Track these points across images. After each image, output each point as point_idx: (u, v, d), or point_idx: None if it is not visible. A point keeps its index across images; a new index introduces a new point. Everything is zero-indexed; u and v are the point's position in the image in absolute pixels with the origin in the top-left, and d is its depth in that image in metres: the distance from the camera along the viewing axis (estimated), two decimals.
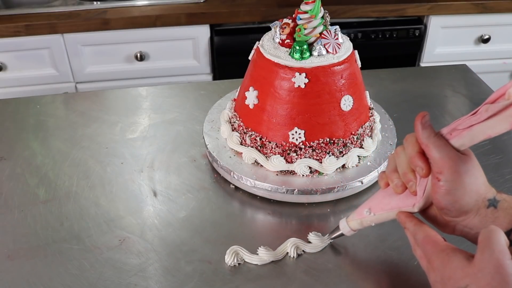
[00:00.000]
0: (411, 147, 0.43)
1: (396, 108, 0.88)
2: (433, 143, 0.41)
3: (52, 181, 0.71)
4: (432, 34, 1.44)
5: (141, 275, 0.57)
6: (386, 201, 0.48)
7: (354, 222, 0.53)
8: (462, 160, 0.41)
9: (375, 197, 0.51)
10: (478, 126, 0.40)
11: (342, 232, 0.56)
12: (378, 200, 0.50)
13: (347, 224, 0.54)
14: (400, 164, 0.45)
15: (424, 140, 0.41)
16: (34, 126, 0.84)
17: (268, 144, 0.68)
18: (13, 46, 1.30)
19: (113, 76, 1.40)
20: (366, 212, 0.50)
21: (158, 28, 1.32)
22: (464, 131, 0.41)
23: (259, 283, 0.56)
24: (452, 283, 0.38)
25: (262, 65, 0.67)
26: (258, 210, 0.68)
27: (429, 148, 0.41)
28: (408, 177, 0.44)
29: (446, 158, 0.40)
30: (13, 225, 0.64)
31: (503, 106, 0.38)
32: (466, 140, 0.41)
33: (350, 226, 0.54)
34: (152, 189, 0.70)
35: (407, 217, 0.46)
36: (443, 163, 0.40)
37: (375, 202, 0.50)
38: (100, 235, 0.62)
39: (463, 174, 0.41)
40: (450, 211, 0.42)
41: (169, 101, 0.92)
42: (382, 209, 0.49)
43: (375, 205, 0.50)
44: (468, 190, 0.41)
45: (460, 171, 0.40)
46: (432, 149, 0.41)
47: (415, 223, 0.44)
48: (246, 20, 1.36)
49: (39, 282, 0.56)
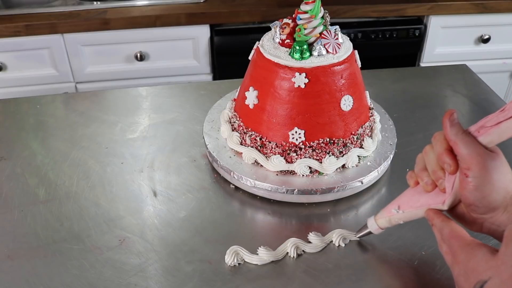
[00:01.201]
0: (439, 145, 0.44)
1: (396, 108, 0.88)
2: (461, 140, 0.42)
3: (52, 181, 0.71)
4: (432, 34, 1.44)
5: (141, 275, 0.57)
6: (416, 199, 0.49)
7: (383, 220, 0.53)
8: (490, 156, 0.41)
9: (404, 195, 0.51)
10: (506, 123, 0.40)
11: (370, 230, 0.55)
12: (408, 198, 0.50)
13: (375, 222, 0.54)
14: (429, 162, 0.46)
15: (452, 137, 0.42)
16: (34, 126, 0.84)
17: (268, 144, 0.68)
18: (13, 46, 1.30)
19: (113, 76, 1.40)
20: (395, 210, 0.51)
21: (158, 28, 1.32)
22: (492, 128, 0.41)
23: (259, 283, 0.56)
24: (475, 275, 0.38)
25: (262, 65, 0.67)
26: (258, 210, 0.68)
27: (457, 144, 0.42)
28: (438, 175, 0.45)
29: (474, 154, 0.41)
30: (13, 225, 0.64)
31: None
32: (494, 137, 0.41)
33: (378, 224, 0.54)
34: (152, 189, 0.70)
35: (435, 213, 0.46)
36: (471, 159, 0.41)
37: (404, 200, 0.50)
38: (100, 235, 0.62)
39: (491, 170, 0.41)
40: (478, 208, 0.43)
41: (169, 101, 0.92)
42: (411, 206, 0.49)
43: (404, 203, 0.50)
44: (496, 187, 0.41)
45: (488, 167, 0.41)
46: (460, 146, 0.41)
47: (442, 219, 0.45)
48: (246, 20, 1.36)
49: (39, 282, 0.56)
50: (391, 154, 0.72)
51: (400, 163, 0.75)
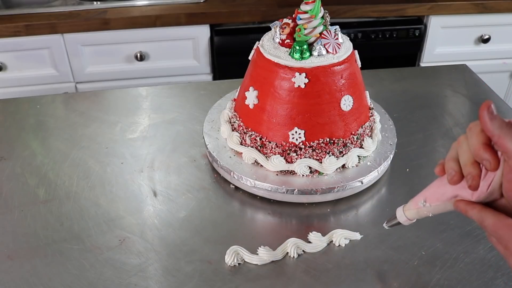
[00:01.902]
0: (475, 138, 0.39)
1: (396, 108, 0.88)
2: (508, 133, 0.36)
3: (52, 181, 0.71)
4: (432, 34, 1.44)
5: (141, 275, 0.57)
6: (442, 191, 0.45)
7: (411, 212, 0.49)
8: None
9: (431, 186, 0.47)
10: None
11: (399, 221, 0.51)
12: (433, 190, 0.46)
13: (404, 213, 0.50)
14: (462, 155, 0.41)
15: (496, 131, 0.37)
16: (34, 126, 0.84)
17: (268, 144, 0.68)
18: (13, 46, 1.29)
19: (113, 76, 1.40)
20: (421, 203, 0.47)
21: (158, 28, 1.32)
22: None
23: (259, 283, 0.56)
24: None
25: (262, 65, 0.67)
26: (258, 210, 0.68)
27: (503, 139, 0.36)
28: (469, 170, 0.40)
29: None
30: (13, 225, 0.64)
31: None
32: None
33: (407, 215, 0.50)
34: (152, 189, 0.70)
35: (467, 204, 0.42)
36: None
37: (430, 192, 0.47)
38: (100, 235, 0.62)
39: None
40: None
41: (169, 101, 0.92)
42: (437, 199, 0.45)
43: (430, 195, 0.46)
44: None
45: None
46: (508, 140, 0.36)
47: (478, 210, 0.40)
48: (246, 20, 1.36)
49: (39, 282, 0.56)
50: (391, 154, 0.72)
51: (400, 163, 0.75)
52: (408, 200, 0.49)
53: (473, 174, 0.39)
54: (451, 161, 0.42)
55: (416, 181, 0.71)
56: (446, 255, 0.60)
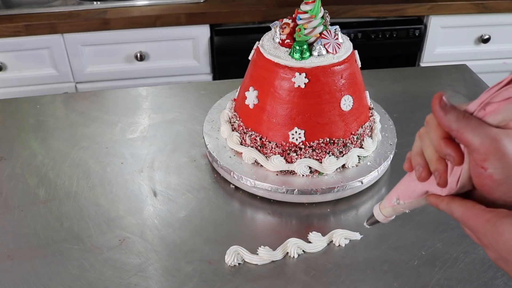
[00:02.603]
0: (434, 132, 0.36)
1: (396, 108, 0.88)
2: (466, 126, 0.34)
3: (52, 181, 0.71)
4: (432, 34, 1.44)
5: (141, 275, 0.57)
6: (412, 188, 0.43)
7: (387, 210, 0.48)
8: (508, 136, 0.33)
9: (402, 183, 0.45)
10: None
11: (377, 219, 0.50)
12: (404, 187, 0.45)
13: (380, 211, 0.49)
14: (426, 150, 0.38)
15: (453, 126, 0.34)
16: (34, 126, 0.84)
17: (268, 144, 0.68)
18: (13, 46, 1.29)
19: (113, 76, 1.40)
20: (394, 201, 0.46)
21: (158, 28, 1.32)
22: (502, 103, 0.34)
23: (259, 283, 0.56)
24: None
25: (262, 65, 0.67)
26: (258, 210, 0.67)
27: (463, 133, 0.34)
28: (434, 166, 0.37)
29: (488, 141, 0.33)
30: (13, 225, 0.64)
31: None
32: (507, 113, 0.34)
33: (384, 213, 0.49)
34: (152, 189, 0.70)
35: (437, 198, 0.39)
36: (487, 147, 0.33)
37: (401, 189, 0.45)
38: (100, 235, 0.62)
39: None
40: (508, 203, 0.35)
41: (169, 101, 0.92)
42: (409, 197, 0.44)
43: (402, 193, 0.45)
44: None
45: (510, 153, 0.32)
46: (468, 133, 0.33)
47: (447, 202, 0.38)
48: (246, 20, 1.36)
49: (39, 282, 0.56)
50: (391, 154, 0.72)
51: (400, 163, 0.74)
52: None
53: (440, 170, 0.37)
54: (417, 156, 0.39)
55: None
56: (446, 255, 0.60)
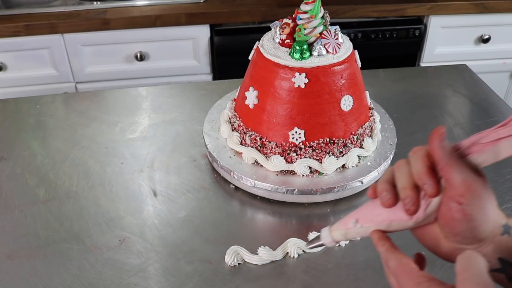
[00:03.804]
0: (420, 162, 0.39)
1: (396, 108, 0.88)
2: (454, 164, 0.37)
3: (52, 181, 0.71)
4: (432, 34, 1.44)
5: (141, 275, 0.57)
6: (377, 212, 0.43)
7: (338, 232, 0.47)
8: (483, 183, 0.37)
9: (365, 207, 0.45)
10: (507, 140, 0.35)
11: (323, 242, 0.49)
12: (368, 211, 0.44)
13: (330, 233, 0.48)
14: (401, 178, 0.40)
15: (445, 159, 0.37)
16: (34, 126, 0.84)
17: (268, 144, 0.68)
18: (13, 46, 1.29)
19: (113, 76, 1.40)
20: (352, 224, 0.45)
21: (158, 28, 1.32)
22: (487, 145, 0.36)
23: (259, 283, 0.56)
24: None
25: (262, 65, 0.67)
26: (258, 210, 0.67)
27: (450, 168, 0.37)
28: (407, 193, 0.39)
29: (469, 181, 0.37)
30: (13, 225, 0.64)
31: None
32: (489, 156, 0.36)
33: (333, 236, 0.48)
34: (152, 189, 0.70)
35: (379, 239, 0.42)
36: (466, 186, 0.36)
37: (364, 213, 0.45)
38: (100, 235, 0.62)
39: (484, 199, 0.37)
40: (466, 239, 0.38)
41: (169, 101, 0.92)
42: (371, 220, 0.44)
43: (363, 216, 0.45)
44: (487, 216, 0.37)
45: (482, 196, 0.37)
46: (454, 170, 0.37)
47: (386, 248, 0.41)
48: (246, 20, 1.36)
49: (39, 282, 0.56)
50: (391, 154, 0.72)
51: None
52: None
53: (413, 198, 0.39)
54: (385, 183, 0.41)
55: None
56: None
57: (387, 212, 0.42)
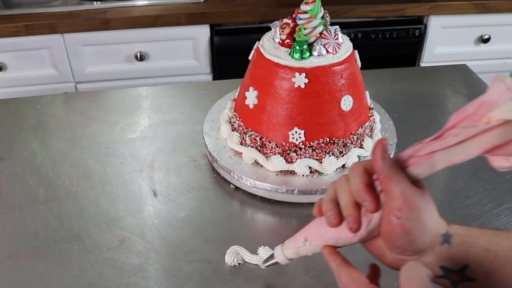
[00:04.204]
0: (358, 179, 0.39)
1: (396, 108, 0.88)
2: (394, 176, 0.37)
3: (52, 181, 0.71)
4: (432, 34, 1.44)
5: (141, 275, 0.57)
6: (323, 230, 0.44)
7: (290, 251, 0.48)
8: (421, 194, 0.37)
9: (312, 225, 0.46)
10: (441, 153, 0.36)
11: (277, 260, 0.50)
12: (315, 229, 0.45)
13: (282, 252, 0.49)
14: (342, 196, 0.40)
15: (385, 171, 0.37)
16: (34, 126, 0.84)
17: (268, 144, 0.68)
18: (13, 46, 1.29)
19: (113, 76, 1.40)
20: (301, 242, 0.46)
21: (158, 28, 1.32)
22: (423, 158, 0.37)
23: (259, 283, 0.56)
24: None
25: (262, 65, 0.67)
26: (258, 210, 0.67)
27: (389, 180, 0.37)
28: (349, 211, 0.39)
29: (407, 193, 0.36)
30: (13, 225, 0.64)
31: (479, 131, 0.33)
32: (425, 168, 0.37)
33: (285, 254, 0.49)
34: (152, 189, 0.70)
35: (330, 254, 0.42)
36: (404, 199, 0.36)
37: (311, 231, 0.45)
38: (100, 235, 0.62)
39: (422, 211, 0.37)
40: (406, 251, 0.38)
41: (169, 101, 0.91)
42: (319, 239, 0.44)
43: (311, 235, 0.45)
44: (426, 227, 0.37)
45: (420, 208, 0.37)
46: (393, 183, 0.37)
47: (338, 263, 0.41)
48: (246, 20, 1.36)
49: (39, 282, 0.56)
50: (391, 154, 0.72)
51: None
52: None
53: (355, 216, 0.39)
54: (329, 202, 0.41)
55: None
56: None
57: (333, 231, 0.43)
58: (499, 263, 0.38)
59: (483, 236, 0.39)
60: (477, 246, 0.38)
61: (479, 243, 0.38)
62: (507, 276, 0.37)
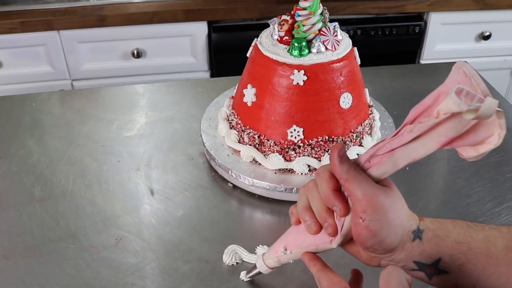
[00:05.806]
0: (325, 184, 0.39)
1: (396, 105, 0.87)
2: (354, 178, 0.37)
3: (48, 179, 0.71)
4: (432, 31, 1.44)
5: (138, 274, 0.56)
6: (302, 238, 0.44)
7: (271, 260, 0.48)
8: (386, 193, 0.37)
9: (290, 233, 0.46)
10: (401, 150, 0.35)
11: (260, 270, 0.50)
12: (293, 237, 0.45)
13: (264, 262, 0.49)
14: (314, 202, 0.41)
15: (344, 175, 0.37)
16: (30, 124, 0.83)
17: (267, 142, 0.68)
18: (8, 43, 1.28)
19: (109, 74, 1.39)
20: (281, 252, 0.46)
21: (155, 24, 1.31)
22: (384, 157, 0.36)
23: (258, 282, 0.56)
24: None
25: (260, 62, 0.67)
26: (256, 209, 0.67)
27: (350, 184, 0.37)
28: (324, 217, 0.40)
29: (369, 194, 0.36)
30: (8, 224, 0.63)
31: (431, 125, 0.33)
32: (388, 167, 0.37)
33: (267, 264, 0.49)
34: (149, 188, 0.70)
35: (310, 260, 0.43)
36: (367, 201, 0.36)
37: (290, 239, 0.46)
38: (96, 234, 0.62)
39: (387, 210, 0.37)
40: (377, 250, 0.39)
41: (166, 99, 0.91)
42: (298, 246, 0.45)
43: (290, 243, 0.46)
44: (393, 226, 0.38)
45: (385, 208, 0.37)
46: (353, 185, 0.37)
47: (318, 268, 0.41)
48: (244, 16, 1.35)
49: (35, 281, 0.55)
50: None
51: None
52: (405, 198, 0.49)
53: (330, 222, 0.40)
54: (305, 210, 0.42)
55: (416, 180, 0.71)
56: None
57: (312, 238, 0.43)
58: (472, 255, 0.38)
59: (455, 229, 0.39)
60: (449, 239, 0.38)
61: (451, 236, 0.38)
62: (480, 268, 0.37)
